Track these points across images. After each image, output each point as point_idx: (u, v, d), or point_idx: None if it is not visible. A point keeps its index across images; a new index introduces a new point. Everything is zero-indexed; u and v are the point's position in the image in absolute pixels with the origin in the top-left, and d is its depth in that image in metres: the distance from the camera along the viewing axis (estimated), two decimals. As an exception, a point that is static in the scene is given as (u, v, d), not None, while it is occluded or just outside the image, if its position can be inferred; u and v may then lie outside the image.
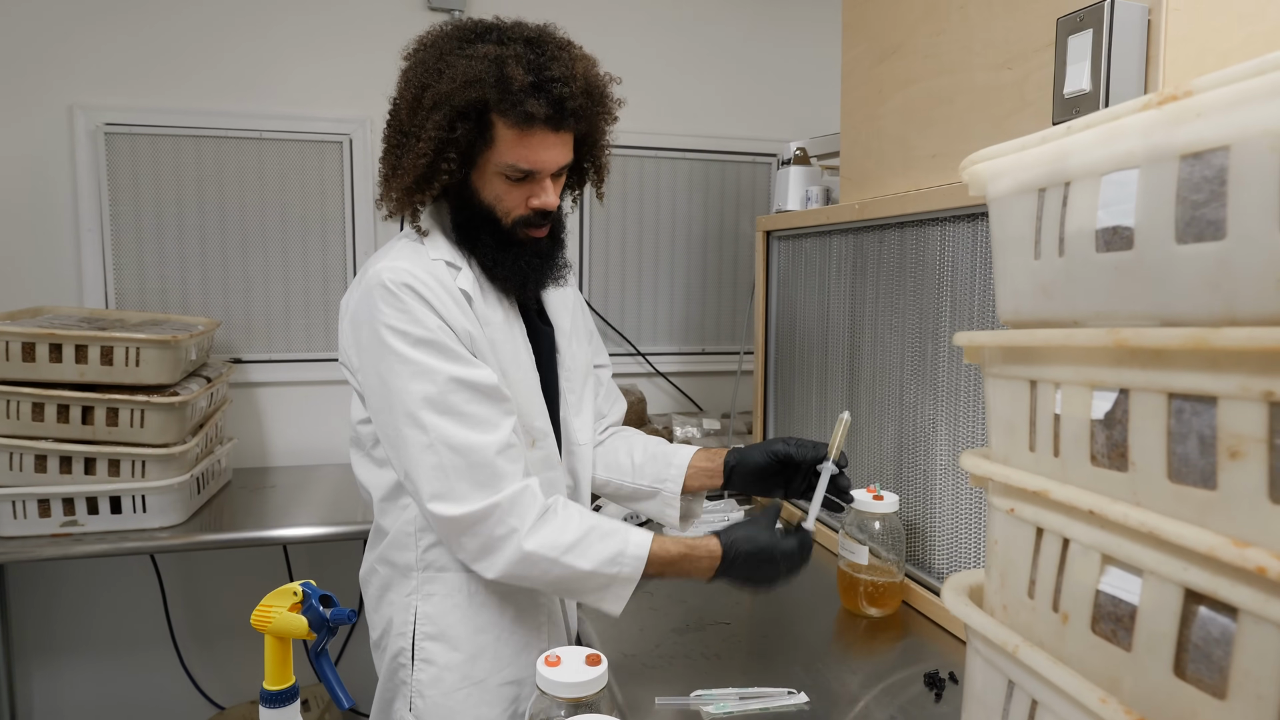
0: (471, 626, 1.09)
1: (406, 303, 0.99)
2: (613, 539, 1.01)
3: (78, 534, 1.57)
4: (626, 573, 1.01)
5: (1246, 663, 0.34)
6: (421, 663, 1.09)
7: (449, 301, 1.02)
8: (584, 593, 1.03)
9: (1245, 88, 0.35)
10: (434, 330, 1.00)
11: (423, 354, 0.99)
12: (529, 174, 1.04)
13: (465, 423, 0.99)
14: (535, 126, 1.00)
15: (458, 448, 0.98)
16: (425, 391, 0.98)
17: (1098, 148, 0.42)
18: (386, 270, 1.00)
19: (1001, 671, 0.47)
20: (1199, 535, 0.35)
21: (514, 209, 1.06)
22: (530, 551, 0.98)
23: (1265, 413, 0.33)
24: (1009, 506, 0.48)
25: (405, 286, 0.99)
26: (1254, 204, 0.34)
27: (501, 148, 1.01)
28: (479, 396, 1.00)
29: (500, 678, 1.10)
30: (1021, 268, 0.48)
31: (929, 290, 1.24)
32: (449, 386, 0.99)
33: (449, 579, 1.09)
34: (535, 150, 1.02)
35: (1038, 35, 1.02)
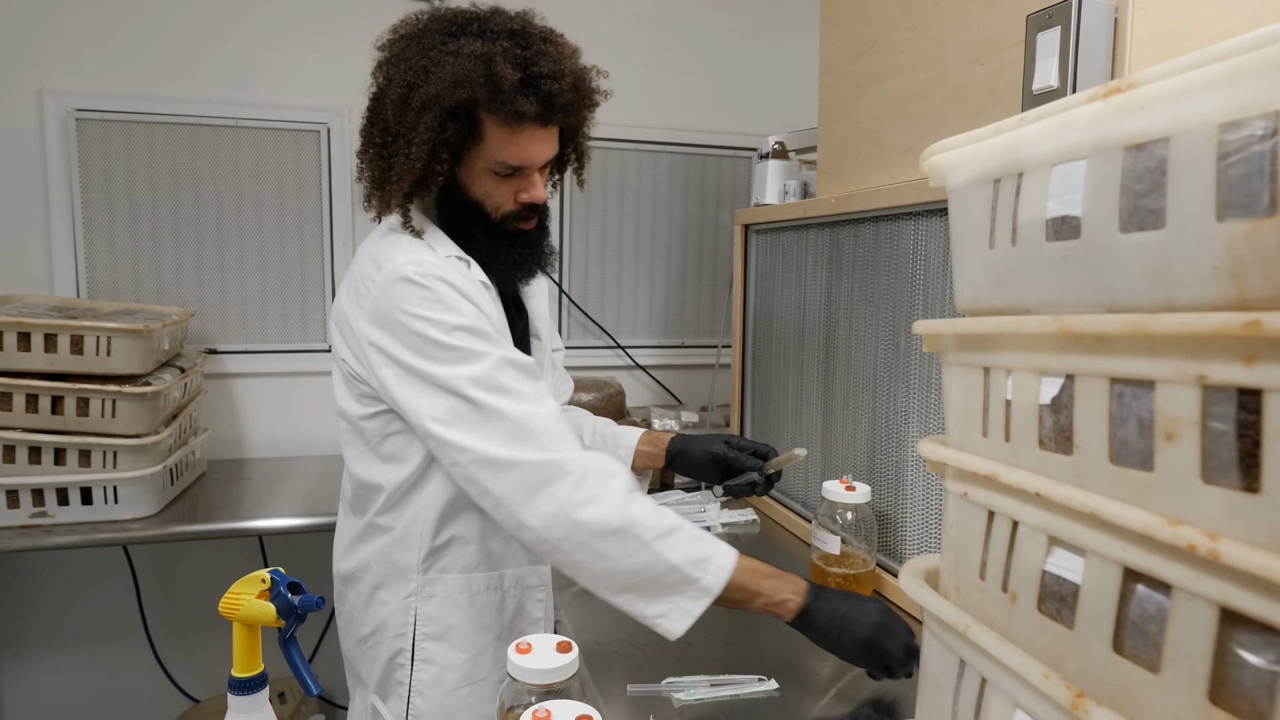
0: (474, 626, 1.10)
1: (440, 293, 0.98)
2: (705, 542, 0.96)
3: (47, 525, 1.55)
4: (708, 581, 0.93)
5: (1178, 637, 0.35)
6: (422, 663, 1.09)
7: (475, 291, 1.03)
8: (651, 592, 0.95)
9: (1185, 80, 0.36)
10: (471, 317, 0.99)
11: (464, 340, 0.98)
12: (518, 169, 1.04)
13: (515, 398, 0.97)
14: (525, 123, 1.00)
15: (515, 417, 0.96)
16: (472, 373, 0.97)
17: (1049, 139, 0.43)
18: (409, 265, 0.99)
19: (954, 651, 0.49)
20: (1135, 515, 0.36)
21: (503, 204, 1.06)
22: (628, 523, 0.92)
23: (1199, 396, 0.34)
24: (963, 491, 0.49)
25: (435, 278, 0.98)
26: (1192, 194, 0.35)
27: (491, 145, 1.01)
28: (524, 375, 1.00)
29: (500, 674, 1.11)
30: (977, 257, 0.49)
31: (902, 283, 1.25)
32: (496, 365, 0.98)
33: (452, 580, 1.10)
34: (524, 146, 1.02)
35: (1009, 32, 1.04)
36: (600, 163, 2.27)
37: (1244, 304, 0.33)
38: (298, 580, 0.75)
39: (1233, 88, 0.33)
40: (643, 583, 0.94)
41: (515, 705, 0.78)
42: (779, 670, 1.04)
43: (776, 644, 1.13)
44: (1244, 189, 0.33)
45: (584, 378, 2.13)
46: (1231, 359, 0.33)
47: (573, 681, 0.80)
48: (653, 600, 0.95)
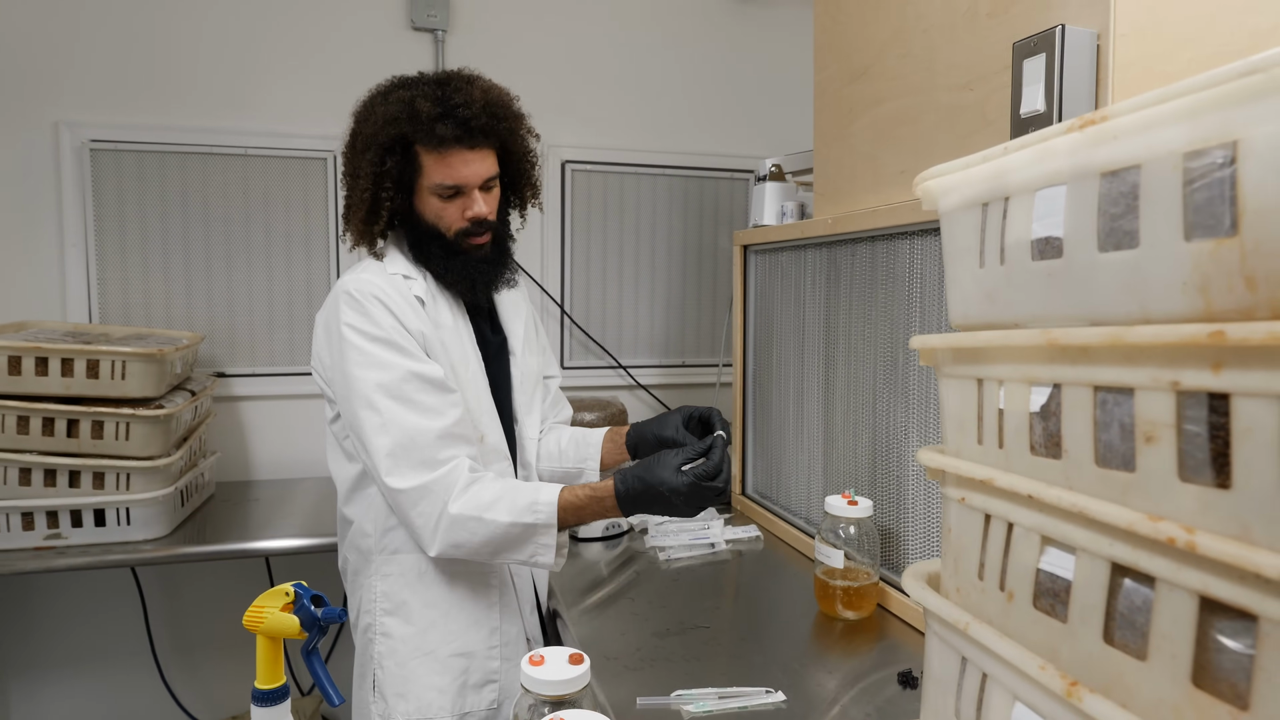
0: (422, 601, 1.21)
1: (367, 307, 1.15)
2: (525, 492, 1.14)
3: (61, 546, 1.57)
4: (543, 519, 1.12)
5: (1163, 626, 0.38)
6: (381, 636, 1.22)
7: (405, 306, 1.18)
8: (515, 548, 1.14)
9: (1152, 113, 0.39)
10: (389, 330, 1.15)
11: (380, 349, 1.14)
12: (457, 189, 1.20)
13: (414, 409, 1.13)
14: (450, 147, 1.17)
15: (406, 429, 1.12)
16: (380, 379, 1.13)
17: (1031, 166, 0.47)
18: (351, 281, 1.18)
19: (955, 649, 0.51)
20: (1120, 513, 0.39)
21: (453, 223, 1.22)
22: (456, 514, 1.11)
23: (1173, 401, 0.37)
24: (960, 496, 0.52)
25: (367, 294, 1.16)
26: (1162, 216, 0.38)
27: (428, 171, 1.19)
28: (428, 387, 1.15)
29: (449, 649, 1.22)
30: (968, 276, 0.52)
31: (899, 300, 1.28)
32: (402, 376, 1.14)
33: (403, 560, 1.23)
34: (455, 168, 1.19)
35: (996, 58, 1.08)
36: (600, 186, 2.32)
37: (1211, 316, 0.36)
38: (320, 593, 0.77)
39: (1195, 120, 0.37)
40: (502, 544, 1.13)
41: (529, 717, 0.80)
42: (785, 684, 1.06)
43: (784, 657, 1.15)
44: (1208, 211, 0.36)
45: (586, 397, 2.15)
46: (1201, 366, 0.36)
47: (585, 693, 0.82)
48: (518, 550, 1.14)
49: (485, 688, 1.24)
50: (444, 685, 1.21)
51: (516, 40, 2.19)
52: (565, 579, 1.43)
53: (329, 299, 1.21)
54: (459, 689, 1.22)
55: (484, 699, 1.24)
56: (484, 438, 1.26)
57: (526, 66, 2.20)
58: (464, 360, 1.25)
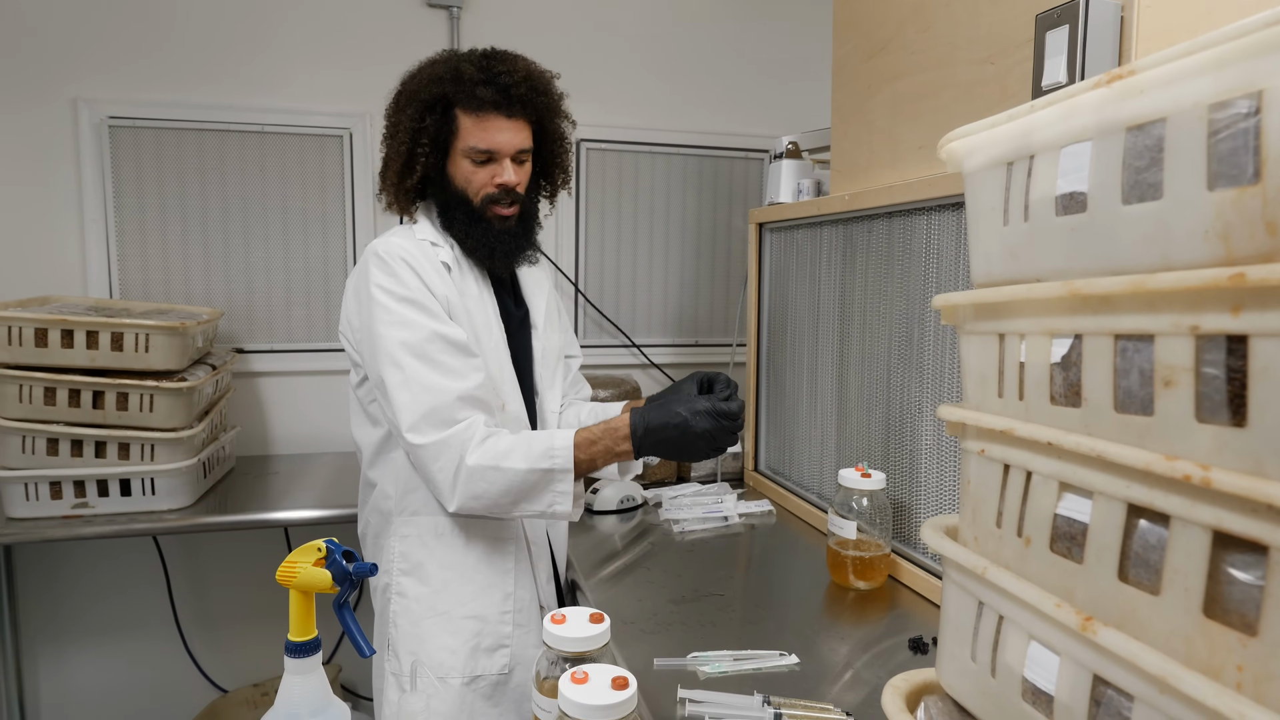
0: (437, 563, 1.24)
1: (394, 267, 1.19)
2: (540, 439, 1.16)
3: (88, 515, 1.61)
4: (560, 463, 1.14)
5: (1177, 562, 0.39)
6: (397, 595, 1.26)
7: (430, 270, 1.21)
8: (534, 496, 1.16)
9: (1179, 66, 0.40)
10: (416, 291, 1.18)
11: (405, 309, 1.17)
12: (490, 155, 1.24)
13: (436, 369, 1.16)
14: (488, 112, 1.22)
15: (429, 387, 1.15)
16: (404, 338, 1.16)
17: (1057, 123, 0.48)
18: (380, 244, 1.22)
19: (972, 594, 0.53)
20: (1137, 454, 0.40)
21: (481, 188, 1.25)
22: (473, 466, 1.13)
23: (1193, 345, 0.39)
24: (980, 448, 0.54)
25: (395, 256, 1.19)
26: (1186, 167, 0.40)
27: (464, 134, 1.23)
28: (451, 348, 1.17)
29: (463, 611, 1.24)
30: (992, 234, 0.54)
31: (915, 277, 1.29)
32: (426, 336, 1.16)
33: (421, 521, 1.26)
34: (491, 133, 1.22)
35: (1018, 31, 1.08)
36: (614, 165, 2.33)
37: (1232, 262, 0.37)
38: (351, 549, 0.79)
39: (1221, 71, 0.38)
40: (520, 493, 1.15)
41: (550, 675, 0.83)
42: (799, 648, 1.08)
43: (796, 624, 1.17)
44: (1232, 161, 0.38)
45: (600, 375, 2.17)
46: (1221, 309, 0.37)
47: (604, 651, 0.84)
48: (537, 498, 1.16)
49: (497, 652, 1.26)
50: (455, 646, 1.23)
51: (531, 18, 2.20)
52: (581, 550, 1.46)
53: (359, 262, 1.25)
54: (470, 651, 1.24)
55: (495, 663, 1.26)
56: (505, 406, 1.28)
57: (541, 44, 2.20)
58: (487, 328, 1.28)
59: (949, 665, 0.56)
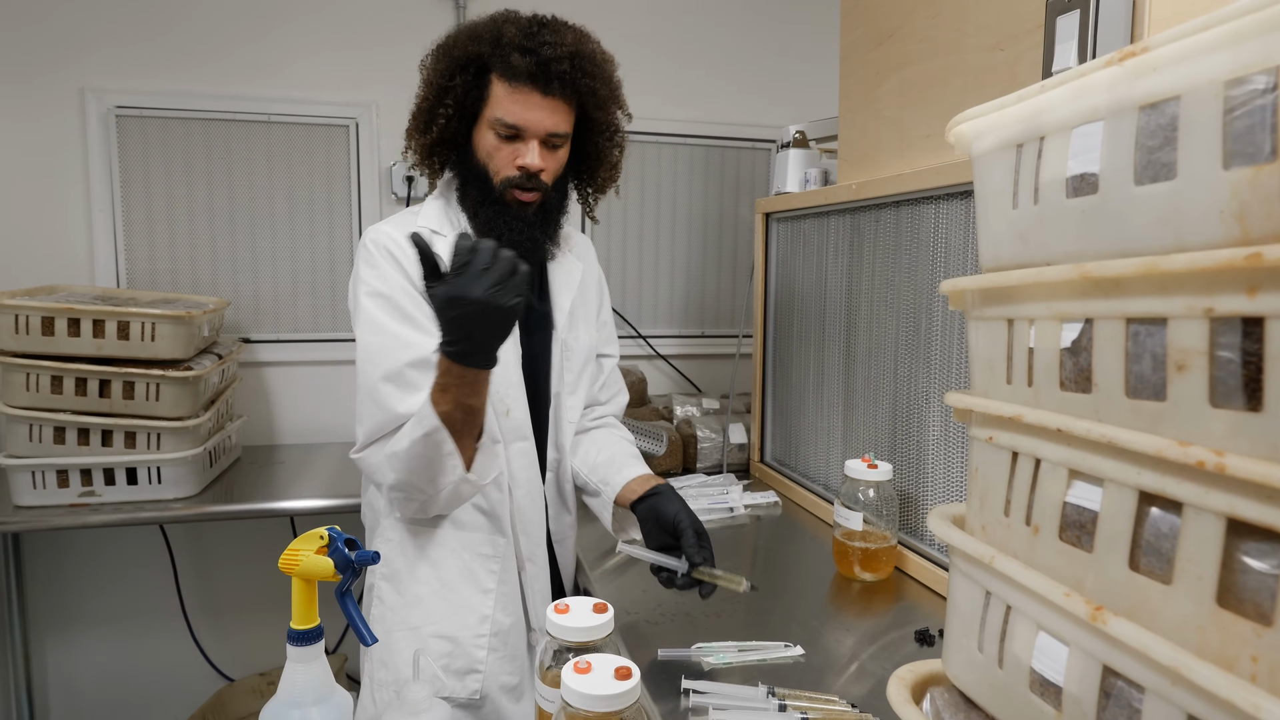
0: (413, 575, 1.16)
1: (378, 260, 1.11)
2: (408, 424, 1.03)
3: (94, 504, 1.61)
4: (428, 422, 0.98)
5: (1189, 550, 0.38)
6: (376, 600, 1.18)
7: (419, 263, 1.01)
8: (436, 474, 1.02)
9: (1194, 42, 0.39)
10: (394, 288, 1.10)
11: (381, 311, 1.09)
12: (516, 132, 1.10)
13: (393, 381, 1.07)
14: (523, 83, 1.08)
15: (377, 400, 1.07)
16: (369, 341, 1.09)
17: (1068, 104, 0.47)
18: (372, 231, 1.15)
19: (979, 584, 0.52)
20: (1149, 440, 0.40)
21: (502, 168, 1.13)
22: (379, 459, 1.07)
23: (1206, 328, 0.38)
24: (988, 435, 0.53)
25: (381, 246, 1.12)
26: (1200, 146, 0.39)
27: (494, 103, 1.11)
28: (420, 362, 1.06)
29: (432, 629, 1.15)
30: (1001, 217, 0.53)
31: (923, 265, 1.28)
32: (395, 345, 1.08)
33: (402, 527, 1.18)
34: (521, 107, 1.09)
35: (1028, 16, 1.07)
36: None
37: (1248, 242, 0.36)
38: (354, 537, 0.79)
39: (1237, 47, 0.37)
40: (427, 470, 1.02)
41: (553, 665, 0.82)
42: (804, 639, 1.08)
43: (802, 615, 1.17)
44: (1248, 139, 0.37)
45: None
46: (1236, 291, 0.36)
47: (608, 641, 0.84)
48: (442, 472, 1.02)
49: (468, 676, 1.15)
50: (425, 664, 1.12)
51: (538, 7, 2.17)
52: (587, 541, 1.46)
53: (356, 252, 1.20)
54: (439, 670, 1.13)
55: (466, 687, 1.15)
56: (509, 411, 1.17)
57: (548, 33, 2.19)
58: None
59: (955, 656, 0.55)
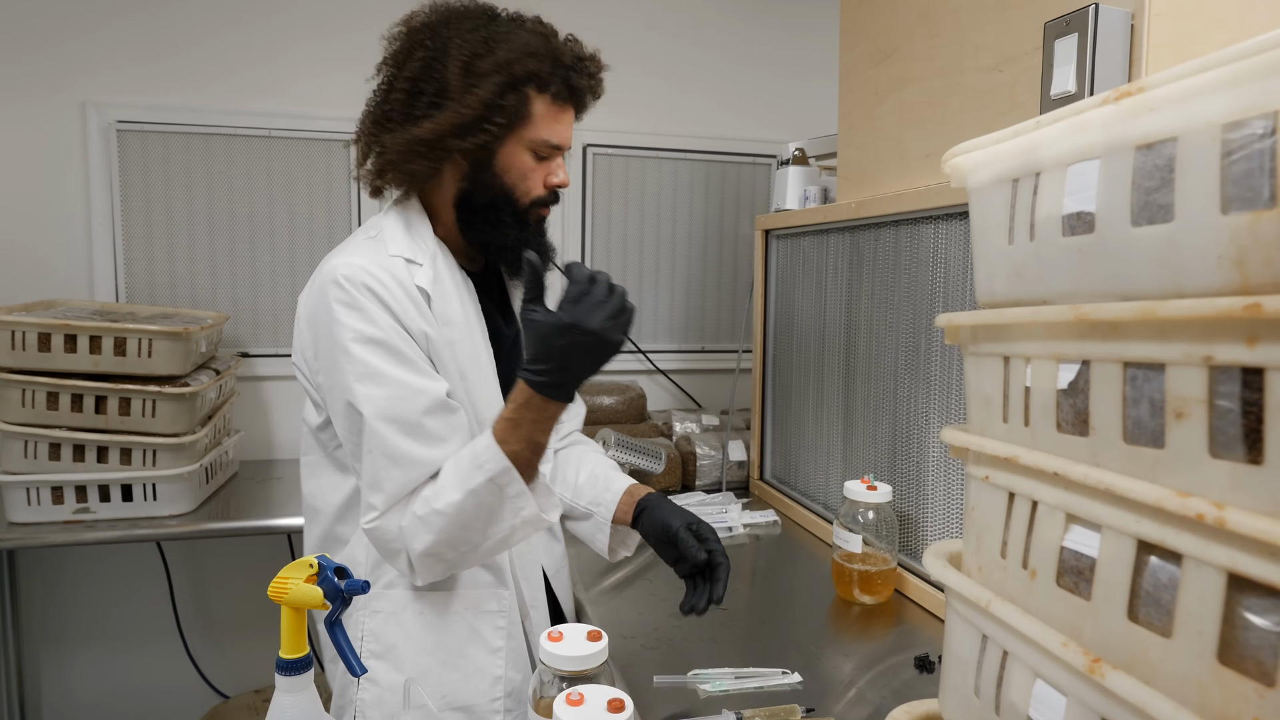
0: (415, 647, 1.04)
1: (360, 301, 0.96)
2: (461, 456, 0.96)
3: (89, 520, 1.60)
4: (492, 465, 0.92)
5: (1189, 603, 0.37)
6: (367, 682, 1.04)
7: (405, 301, 0.99)
8: (493, 520, 0.95)
9: (1191, 83, 0.38)
10: (388, 332, 0.97)
11: (378, 359, 0.96)
12: (555, 150, 1.06)
13: (411, 434, 0.96)
14: (566, 104, 1.05)
15: (396, 458, 0.95)
16: (378, 397, 0.95)
17: (1064, 140, 0.46)
18: (342, 266, 0.97)
19: (976, 627, 0.51)
20: (1148, 489, 0.39)
21: (534, 188, 1.06)
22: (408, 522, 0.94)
23: (1206, 376, 0.37)
24: (984, 474, 0.52)
25: (359, 285, 0.96)
26: (1198, 189, 0.38)
27: (536, 123, 1.02)
28: (435, 409, 0.97)
29: (445, 703, 1.04)
30: (997, 252, 0.52)
31: (922, 286, 1.27)
32: (404, 394, 0.96)
33: (395, 596, 1.05)
34: (565, 127, 1.06)
35: (1027, 39, 1.06)
36: (620, 170, 2.31)
37: (1247, 289, 0.35)
38: (344, 565, 0.78)
39: (1235, 90, 0.36)
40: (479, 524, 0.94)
41: (546, 694, 0.81)
42: (802, 665, 1.06)
43: (800, 640, 1.15)
44: (1246, 184, 0.36)
45: (605, 382, 2.16)
46: (1235, 340, 0.35)
47: (602, 669, 0.82)
48: (499, 518, 0.95)
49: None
50: None
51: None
52: (583, 560, 1.44)
53: (314, 286, 1.01)
54: None
55: None
56: None
57: (548, 49, 2.19)
58: (474, 361, 1.06)
59: (952, 698, 0.54)
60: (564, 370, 0.91)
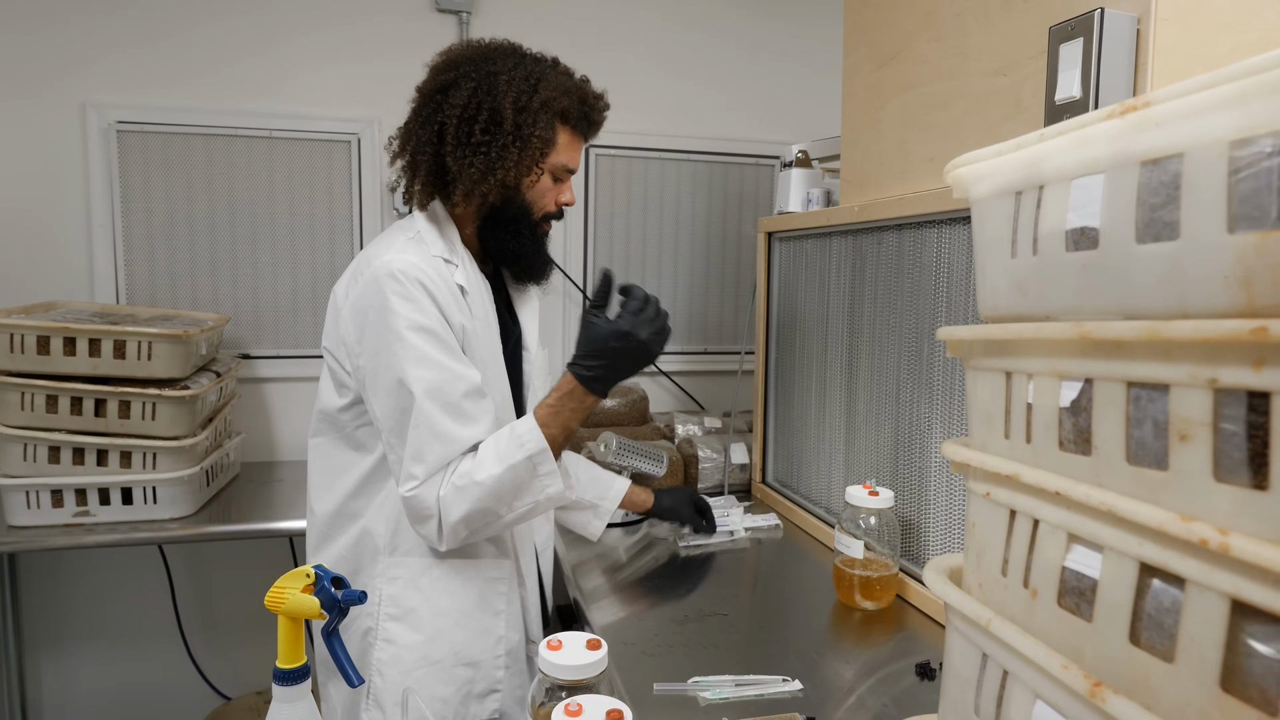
0: (432, 609, 1.16)
1: (413, 293, 1.09)
2: (503, 434, 1.10)
3: (89, 524, 1.60)
4: (532, 445, 1.08)
5: (1192, 629, 0.37)
6: (384, 642, 1.16)
7: (448, 296, 1.12)
8: (522, 491, 1.09)
9: (1198, 99, 0.38)
10: (436, 323, 1.10)
11: (428, 345, 1.08)
12: (569, 174, 1.23)
13: (455, 416, 1.08)
14: (582, 134, 1.23)
15: (439, 433, 1.07)
16: (427, 379, 1.07)
17: (1068, 153, 0.45)
18: (397, 261, 1.09)
19: (976, 645, 0.50)
20: (1151, 512, 0.38)
21: (548, 205, 1.22)
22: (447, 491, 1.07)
23: (1210, 398, 0.36)
24: (985, 490, 0.51)
25: (413, 279, 1.09)
26: (1204, 207, 0.37)
27: (561, 150, 1.20)
28: (471, 393, 1.10)
29: (456, 659, 1.17)
30: (999, 266, 0.51)
31: (925, 291, 1.27)
32: (449, 379, 1.08)
33: (413, 563, 1.17)
34: (578, 154, 1.24)
35: (1031, 43, 1.05)
36: (623, 171, 2.31)
37: (1254, 311, 0.35)
38: (340, 575, 0.78)
39: (1243, 107, 0.35)
40: (515, 496, 1.09)
41: (545, 701, 0.81)
42: (803, 672, 1.06)
43: (801, 646, 1.15)
44: (1254, 202, 0.35)
45: (607, 383, 2.15)
46: (1241, 363, 0.35)
47: (602, 678, 0.82)
48: (526, 492, 1.10)
49: (489, 697, 1.20)
50: (448, 695, 1.16)
51: (540, 23, 2.18)
52: (583, 564, 1.44)
53: (363, 279, 1.12)
54: (462, 699, 1.17)
55: (486, 708, 1.19)
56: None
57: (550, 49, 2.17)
58: (494, 355, 1.20)
59: (951, 715, 0.54)
60: (611, 368, 1.11)
